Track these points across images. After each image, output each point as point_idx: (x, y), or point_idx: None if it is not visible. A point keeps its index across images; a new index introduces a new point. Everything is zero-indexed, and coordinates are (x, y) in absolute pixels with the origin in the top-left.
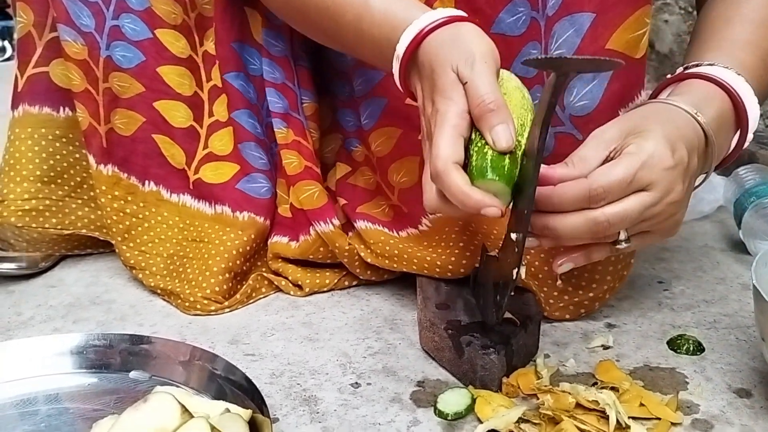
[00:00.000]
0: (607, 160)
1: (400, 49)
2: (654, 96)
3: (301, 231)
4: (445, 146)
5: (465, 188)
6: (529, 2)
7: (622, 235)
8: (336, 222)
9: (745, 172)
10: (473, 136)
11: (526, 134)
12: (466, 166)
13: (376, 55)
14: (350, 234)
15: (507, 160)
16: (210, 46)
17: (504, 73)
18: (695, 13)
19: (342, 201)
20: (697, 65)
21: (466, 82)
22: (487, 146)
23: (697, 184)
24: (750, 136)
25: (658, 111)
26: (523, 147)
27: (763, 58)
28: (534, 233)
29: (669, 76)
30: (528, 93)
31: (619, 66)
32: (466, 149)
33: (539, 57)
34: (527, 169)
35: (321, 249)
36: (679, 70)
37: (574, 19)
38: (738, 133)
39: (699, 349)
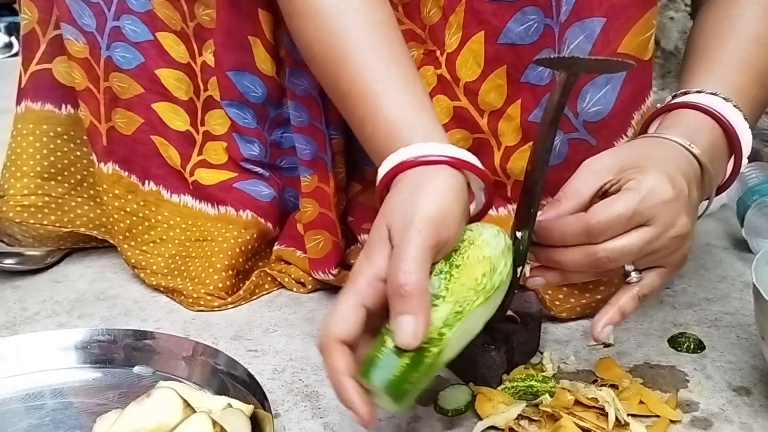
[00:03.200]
0: (599, 192)
1: (378, 179)
2: (645, 126)
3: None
4: (337, 317)
5: (341, 379)
6: (542, 10)
7: (629, 267)
8: (335, 271)
9: (748, 170)
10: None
11: (457, 325)
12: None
13: (372, 157)
14: (353, 248)
15: (405, 361)
16: (208, 56)
17: (489, 231)
18: None
19: (349, 218)
20: (684, 93)
21: (394, 247)
22: (389, 335)
23: (698, 214)
24: (745, 161)
25: (651, 145)
26: (444, 344)
27: (756, 78)
28: (539, 266)
29: (659, 106)
30: (505, 266)
31: (630, 67)
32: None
33: (550, 57)
34: (534, 168)
35: None
36: (668, 98)
37: (585, 24)
38: (732, 158)
39: (699, 347)
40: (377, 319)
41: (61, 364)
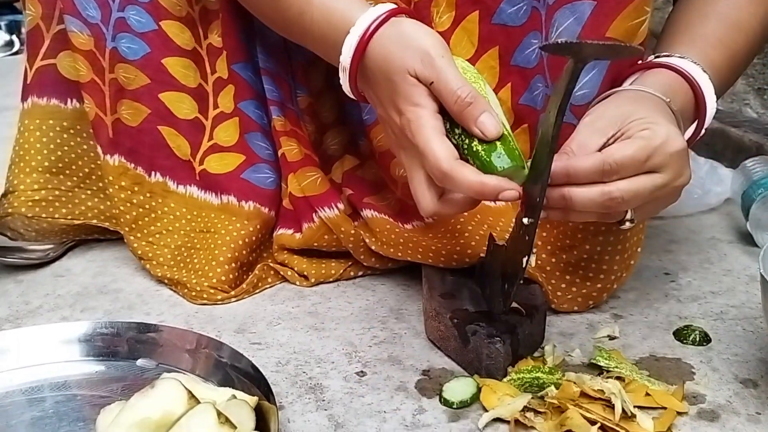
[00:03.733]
0: (605, 147)
1: (345, 61)
2: (620, 80)
3: (305, 219)
4: (439, 148)
5: (480, 178)
6: None
7: (629, 215)
8: (341, 206)
9: (752, 164)
10: (457, 130)
11: (489, 97)
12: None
13: (323, 53)
14: (356, 223)
15: (499, 145)
16: (214, 38)
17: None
18: None
19: (348, 191)
20: (668, 56)
21: (432, 82)
22: (475, 142)
23: None
24: (702, 132)
25: (642, 98)
26: (500, 118)
27: (729, 59)
28: (545, 207)
29: (640, 62)
30: (463, 61)
31: (639, 53)
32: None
33: (557, 42)
34: (540, 156)
35: (326, 237)
36: (651, 57)
37: (575, 7)
38: (694, 126)
39: (705, 339)
40: None
41: (64, 357)
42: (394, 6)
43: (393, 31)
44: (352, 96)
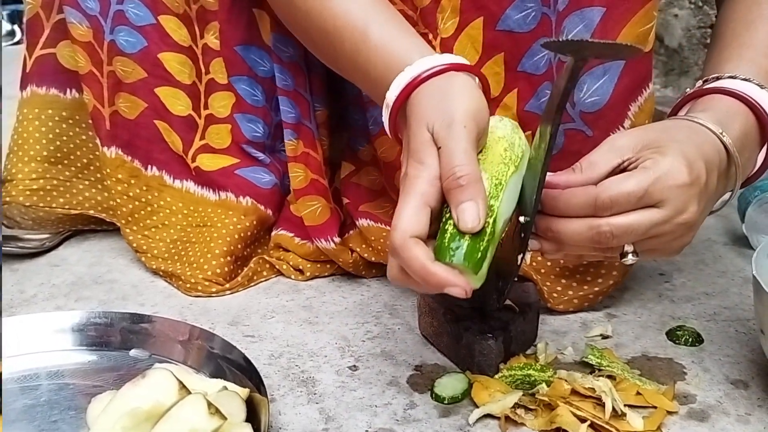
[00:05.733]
0: (617, 169)
1: (390, 98)
2: (675, 110)
3: (307, 236)
4: (406, 218)
5: (426, 264)
6: None
7: (628, 248)
8: (337, 239)
9: None
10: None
11: (501, 195)
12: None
13: (369, 90)
14: (351, 232)
15: (468, 239)
16: (210, 39)
17: (493, 120)
18: (705, 7)
19: (345, 200)
20: (716, 78)
21: (440, 147)
22: (450, 222)
23: (716, 207)
24: None
25: (679, 127)
26: (496, 213)
27: None
28: (537, 235)
29: (689, 90)
30: (520, 139)
31: (639, 52)
32: (438, 220)
33: (558, 40)
34: (538, 153)
35: (322, 257)
36: (699, 83)
37: (584, 14)
38: (764, 148)
39: (698, 340)
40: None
41: (57, 346)
42: (462, 62)
43: (443, 83)
44: (389, 134)
